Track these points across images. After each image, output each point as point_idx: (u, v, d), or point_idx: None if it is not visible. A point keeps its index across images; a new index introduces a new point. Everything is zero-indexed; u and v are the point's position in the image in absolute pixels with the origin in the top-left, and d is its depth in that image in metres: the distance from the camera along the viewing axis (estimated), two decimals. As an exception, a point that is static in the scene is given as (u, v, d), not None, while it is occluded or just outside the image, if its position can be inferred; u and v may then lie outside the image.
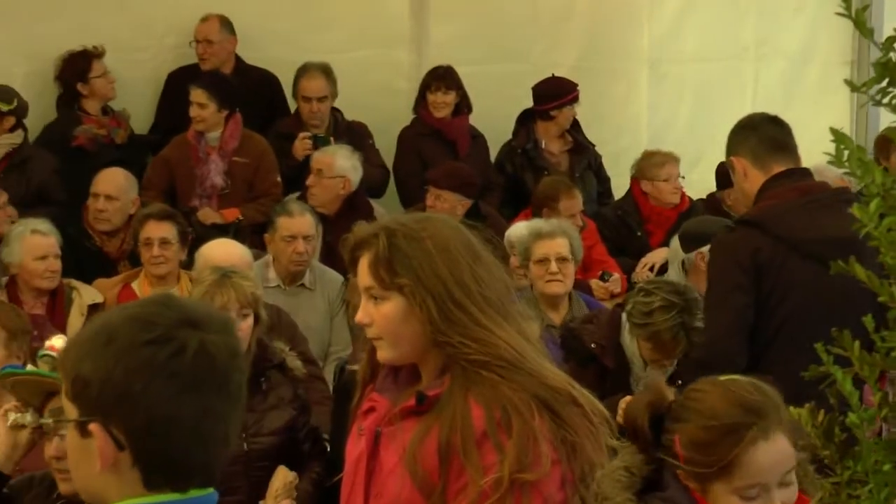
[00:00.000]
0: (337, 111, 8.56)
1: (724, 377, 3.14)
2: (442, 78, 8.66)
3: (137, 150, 8.31)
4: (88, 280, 7.08)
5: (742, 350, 4.87)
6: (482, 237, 3.13)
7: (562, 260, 6.48)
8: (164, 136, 8.32)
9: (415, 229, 3.05)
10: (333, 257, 7.06)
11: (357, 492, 3.11)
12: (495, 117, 8.92)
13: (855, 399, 2.37)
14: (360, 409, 3.18)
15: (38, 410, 3.72)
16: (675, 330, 5.40)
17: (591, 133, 8.99)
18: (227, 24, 8.52)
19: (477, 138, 8.82)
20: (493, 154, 8.89)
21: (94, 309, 6.72)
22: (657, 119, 9.60)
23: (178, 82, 8.33)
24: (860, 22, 2.32)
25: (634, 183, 8.48)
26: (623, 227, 8.43)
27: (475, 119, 8.83)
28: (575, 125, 8.89)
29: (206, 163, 8.00)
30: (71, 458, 2.14)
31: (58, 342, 4.01)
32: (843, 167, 2.32)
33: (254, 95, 8.46)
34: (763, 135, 5.04)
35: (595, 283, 7.75)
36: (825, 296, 4.67)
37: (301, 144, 8.25)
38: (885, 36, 2.34)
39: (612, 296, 7.60)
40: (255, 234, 7.67)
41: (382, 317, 3.05)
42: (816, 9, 9.59)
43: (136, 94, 8.52)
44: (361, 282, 3.08)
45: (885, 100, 2.33)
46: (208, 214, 7.90)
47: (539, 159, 8.70)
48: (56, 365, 3.57)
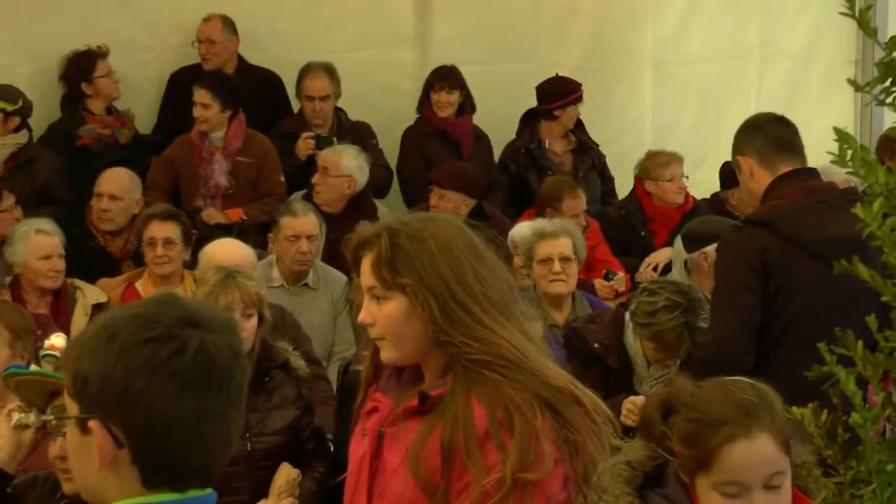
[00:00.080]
0: (340, 111, 8.54)
1: (728, 378, 3.14)
2: (445, 78, 8.65)
3: (141, 149, 8.30)
4: (92, 280, 7.07)
5: (749, 349, 4.86)
6: (485, 237, 3.13)
7: (565, 260, 6.47)
8: (168, 136, 8.30)
9: (417, 229, 3.05)
10: (337, 257, 7.05)
11: (360, 492, 3.11)
12: (499, 117, 8.92)
13: (858, 399, 2.37)
14: (364, 409, 3.18)
15: (42, 410, 3.71)
16: (679, 330, 5.39)
17: (594, 133, 8.98)
18: (229, 25, 8.51)
19: (480, 138, 8.81)
20: (497, 154, 8.88)
21: (97, 309, 6.72)
22: (661, 119, 9.59)
23: (182, 82, 8.32)
24: (864, 22, 2.32)
25: (638, 183, 8.47)
26: (627, 227, 8.42)
27: (479, 119, 8.82)
28: (579, 125, 8.88)
29: (209, 163, 7.98)
30: (71, 456, 2.15)
31: (57, 341, 4.01)
32: (847, 167, 2.32)
33: (257, 95, 8.44)
34: (770, 134, 5.03)
35: (599, 282, 7.74)
36: (831, 296, 4.66)
37: (304, 144, 8.23)
38: (888, 36, 2.34)
39: (617, 294, 7.59)
40: (258, 234, 7.66)
41: (385, 317, 3.05)
42: (820, 9, 9.59)
43: (139, 93, 8.51)
44: (364, 282, 3.08)
45: (889, 99, 2.33)
46: (212, 214, 7.89)
47: (543, 159, 8.69)
48: (59, 364, 3.57)
